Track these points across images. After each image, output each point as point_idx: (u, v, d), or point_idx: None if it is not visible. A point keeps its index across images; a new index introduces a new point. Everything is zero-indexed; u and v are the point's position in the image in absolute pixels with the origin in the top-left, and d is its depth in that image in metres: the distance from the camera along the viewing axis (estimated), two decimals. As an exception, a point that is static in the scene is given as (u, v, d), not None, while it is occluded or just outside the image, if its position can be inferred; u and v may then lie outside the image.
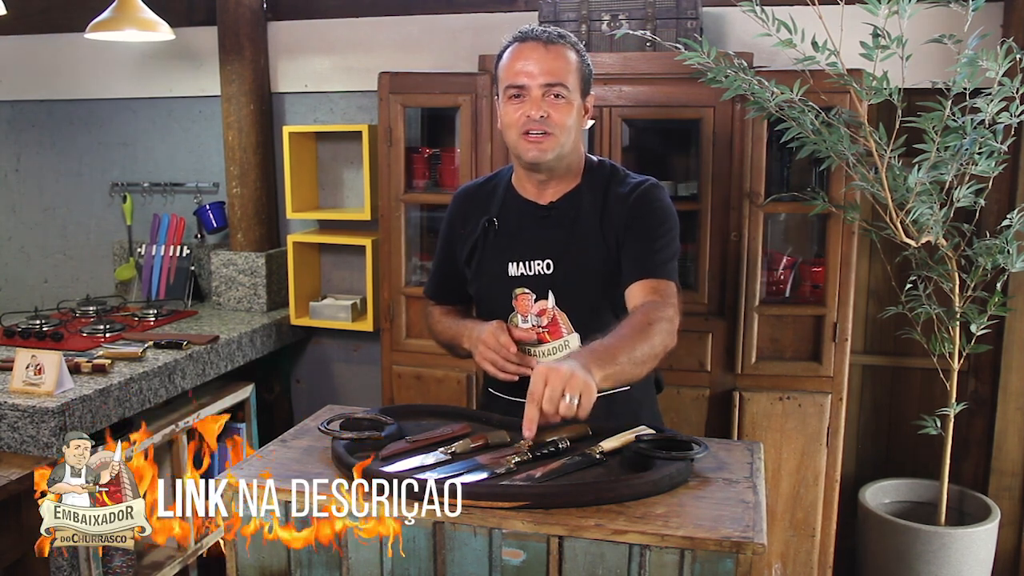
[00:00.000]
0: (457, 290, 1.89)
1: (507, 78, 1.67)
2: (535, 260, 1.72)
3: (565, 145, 1.68)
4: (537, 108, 1.64)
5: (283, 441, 1.70)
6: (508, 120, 1.68)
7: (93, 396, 2.30)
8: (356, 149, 3.21)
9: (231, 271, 3.30)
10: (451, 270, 1.88)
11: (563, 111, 1.65)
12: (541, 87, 1.64)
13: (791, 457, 2.58)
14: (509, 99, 1.67)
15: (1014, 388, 2.79)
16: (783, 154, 2.66)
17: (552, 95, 1.64)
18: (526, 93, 1.65)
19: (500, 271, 1.75)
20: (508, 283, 1.74)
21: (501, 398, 1.82)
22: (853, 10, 2.17)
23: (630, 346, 1.52)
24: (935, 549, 2.53)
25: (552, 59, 1.65)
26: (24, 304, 3.49)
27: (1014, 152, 2.62)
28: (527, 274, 1.73)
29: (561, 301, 1.72)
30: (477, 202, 1.83)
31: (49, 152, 3.67)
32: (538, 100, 1.64)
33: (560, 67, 1.65)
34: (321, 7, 3.25)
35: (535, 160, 1.67)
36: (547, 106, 1.64)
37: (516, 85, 1.65)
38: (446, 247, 1.89)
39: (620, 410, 1.76)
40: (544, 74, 1.64)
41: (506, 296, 1.75)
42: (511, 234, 1.74)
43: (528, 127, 1.64)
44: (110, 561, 2.51)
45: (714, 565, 1.28)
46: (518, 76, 1.65)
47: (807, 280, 2.67)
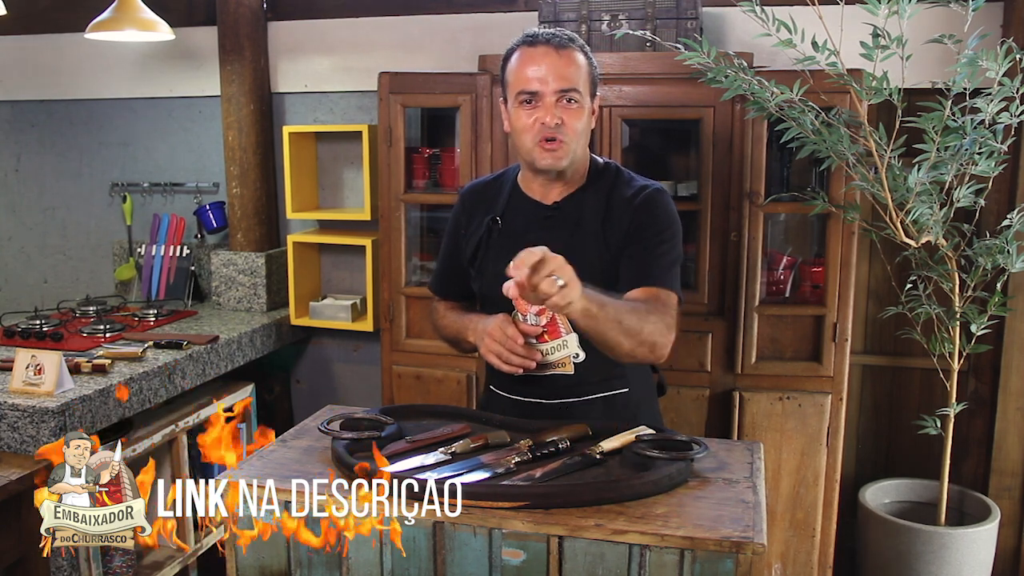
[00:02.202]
0: (462, 286, 1.89)
1: (518, 83, 1.66)
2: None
3: (577, 150, 1.69)
4: (551, 115, 1.63)
5: (283, 441, 1.70)
6: (520, 125, 1.67)
7: (93, 396, 2.30)
8: (356, 149, 3.21)
9: (231, 271, 3.30)
10: (456, 266, 1.88)
11: (576, 116, 1.66)
12: (555, 93, 1.63)
13: (791, 457, 2.58)
14: (520, 104, 1.66)
15: (1014, 388, 2.79)
16: (783, 154, 2.66)
17: (565, 100, 1.64)
18: (539, 99, 1.64)
19: (502, 271, 1.74)
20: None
21: (504, 397, 1.81)
22: (853, 10, 2.17)
23: (622, 310, 1.54)
24: (935, 549, 2.53)
25: (564, 64, 1.64)
26: (24, 304, 3.49)
27: (1014, 152, 2.62)
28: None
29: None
30: (483, 200, 1.84)
31: (49, 152, 3.67)
32: (551, 106, 1.63)
33: (572, 72, 1.65)
34: (321, 7, 3.25)
35: (550, 167, 1.68)
36: (560, 111, 1.64)
37: (529, 91, 1.64)
38: (452, 243, 1.89)
39: (619, 412, 1.76)
40: (557, 80, 1.63)
41: (506, 298, 1.74)
42: (515, 234, 1.73)
43: (544, 134, 1.64)
44: (110, 561, 2.51)
45: (714, 565, 1.28)
46: (531, 82, 1.64)
47: (807, 280, 2.67)
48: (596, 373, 1.74)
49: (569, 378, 1.74)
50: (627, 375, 1.79)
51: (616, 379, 1.77)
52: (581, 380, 1.74)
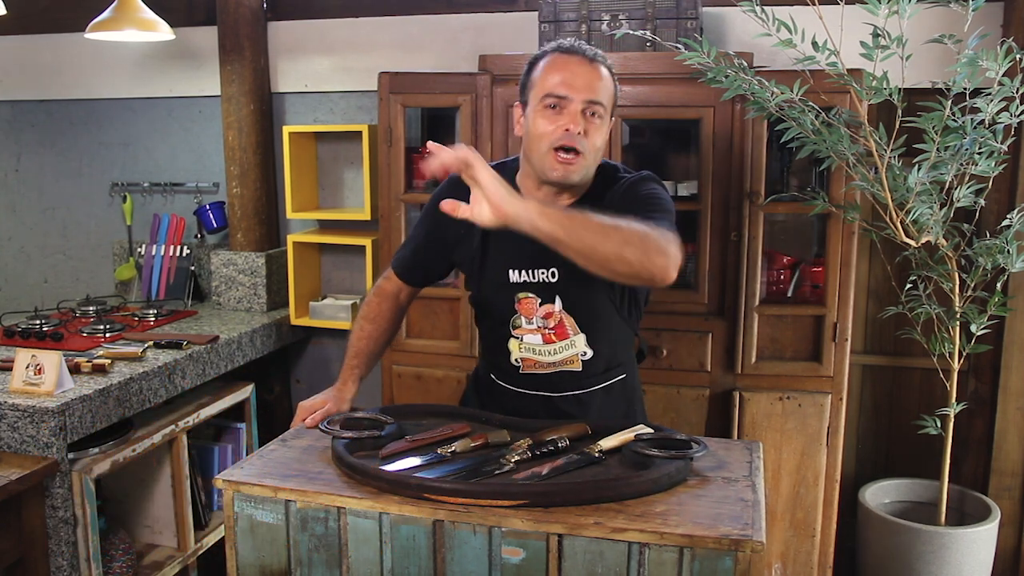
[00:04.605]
0: (426, 274, 1.90)
1: (547, 87, 1.62)
2: (539, 269, 1.70)
3: (591, 167, 1.67)
4: (576, 123, 1.61)
5: (283, 441, 1.70)
6: (540, 131, 1.63)
7: (93, 396, 2.30)
8: (356, 149, 3.21)
9: (231, 271, 3.30)
10: (428, 255, 1.86)
11: (598, 130, 1.64)
12: (583, 102, 1.61)
13: (791, 457, 2.58)
14: (544, 109, 1.63)
15: (1014, 388, 2.80)
16: (783, 154, 2.66)
17: (591, 112, 1.62)
18: (566, 105, 1.61)
19: (502, 278, 1.74)
20: (510, 289, 1.74)
21: (507, 389, 1.83)
22: (853, 10, 2.17)
23: (596, 216, 1.42)
24: (935, 549, 2.53)
25: (595, 76, 1.63)
26: (24, 304, 3.49)
27: (1014, 152, 2.62)
28: (530, 281, 1.72)
29: (567, 306, 1.72)
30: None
31: (49, 152, 3.67)
32: (577, 114, 1.61)
33: (601, 86, 1.64)
34: (321, 7, 3.25)
35: (561, 180, 1.64)
36: (585, 123, 1.62)
37: (557, 95, 1.61)
38: (431, 231, 1.83)
39: (616, 397, 1.80)
40: (587, 89, 1.61)
41: (507, 301, 1.75)
42: (515, 239, 1.51)
43: (564, 141, 1.61)
44: (110, 561, 2.51)
45: (713, 563, 1.28)
46: (560, 87, 1.61)
47: (807, 280, 2.67)
48: (601, 366, 1.76)
49: (575, 373, 1.76)
50: (625, 362, 1.82)
51: (615, 368, 1.80)
52: (587, 374, 1.76)
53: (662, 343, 2.61)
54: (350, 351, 1.86)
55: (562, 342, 1.74)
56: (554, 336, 1.73)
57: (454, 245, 1.81)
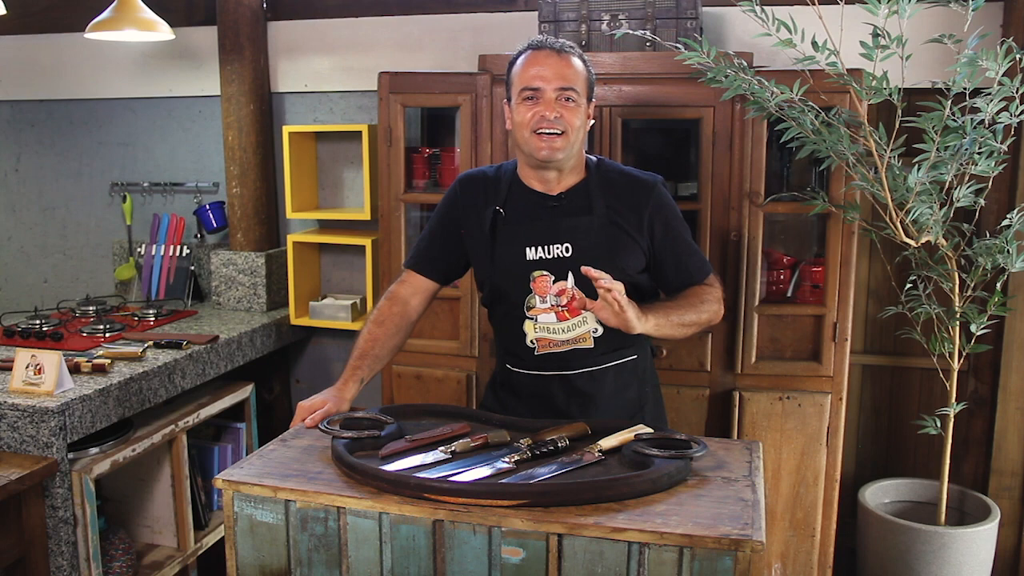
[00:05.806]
0: (442, 268, 2.00)
1: (522, 82, 1.81)
2: (554, 244, 1.83)
3: (574, 145, 1.83)
4: (551, 109, 1.79)
5: (283, 441, 1.70)
6: (520, 120, 1.82)
7: (93, 396, 2.30)
8: (356, 149, 3.21)
9: (231, 271, 3.30)
10: (443, 249, 1.98)
11: (573, 112, 1.81)
12: (555, 90, 1.79)
13: (791, 457, 2.58)
14: (523, 101, 1.81)
15: (1014, 388, 2.80)
16: (783, 154, 2.66)
17: (564, 98, 1.80)
18: (540, 95, 1.79)
19: (518, 256, 1.85)
20: (526, 267, 1.85)
21: (523, 374, 1.91)
22: (853, 10, 2.17)
23: (682, 308, 1.80)
24: (935, 549, 2.53)
25: (564, 66, 1.81)
26: (24, 304, 3.49)
27: (1014, 152, 2.62)
28: (546, 257, 1.84)
29: (579, 281, 1.79)
30: (482, 193, 1.93)
31: (49, 152, 3.67)
32: (551, 102, 1.79)
33: (571, 73, 1.81)
34: (321, 7, 3.25)
35: (547, 158, 1.81)
36: (559, 107, 1.79)
37: (532, 88, 1.80)
38: (446, 225, 1.97)
39: (627, 376, 1.91)
40: (558, 79, 1.79)
41: (523, 279, 1.85)
42: (525, 221, 1.86)
43: (540, 125, 1.78)
44: (110, 561, 2.51)
45: (713, 563, 1.28)
46: (534, 79, 1.80)
47: (807, 280, 2.67)
48: (612, 344, 1.86)
49: (588, 350, 1.86)
50: (635, 344, 1.91)
51: (627, 348, 1.90)
52: (599, 351, 1.87)
53: (662, 343, 2.61)
54: (355, 352, 1.92)
55: (575, 319, 1.84)
56: (567, 313, 1.84)
57: (468, 229, 1.93)
